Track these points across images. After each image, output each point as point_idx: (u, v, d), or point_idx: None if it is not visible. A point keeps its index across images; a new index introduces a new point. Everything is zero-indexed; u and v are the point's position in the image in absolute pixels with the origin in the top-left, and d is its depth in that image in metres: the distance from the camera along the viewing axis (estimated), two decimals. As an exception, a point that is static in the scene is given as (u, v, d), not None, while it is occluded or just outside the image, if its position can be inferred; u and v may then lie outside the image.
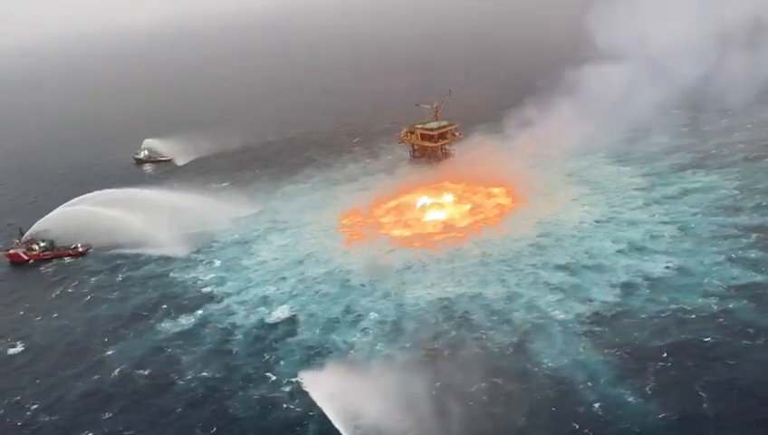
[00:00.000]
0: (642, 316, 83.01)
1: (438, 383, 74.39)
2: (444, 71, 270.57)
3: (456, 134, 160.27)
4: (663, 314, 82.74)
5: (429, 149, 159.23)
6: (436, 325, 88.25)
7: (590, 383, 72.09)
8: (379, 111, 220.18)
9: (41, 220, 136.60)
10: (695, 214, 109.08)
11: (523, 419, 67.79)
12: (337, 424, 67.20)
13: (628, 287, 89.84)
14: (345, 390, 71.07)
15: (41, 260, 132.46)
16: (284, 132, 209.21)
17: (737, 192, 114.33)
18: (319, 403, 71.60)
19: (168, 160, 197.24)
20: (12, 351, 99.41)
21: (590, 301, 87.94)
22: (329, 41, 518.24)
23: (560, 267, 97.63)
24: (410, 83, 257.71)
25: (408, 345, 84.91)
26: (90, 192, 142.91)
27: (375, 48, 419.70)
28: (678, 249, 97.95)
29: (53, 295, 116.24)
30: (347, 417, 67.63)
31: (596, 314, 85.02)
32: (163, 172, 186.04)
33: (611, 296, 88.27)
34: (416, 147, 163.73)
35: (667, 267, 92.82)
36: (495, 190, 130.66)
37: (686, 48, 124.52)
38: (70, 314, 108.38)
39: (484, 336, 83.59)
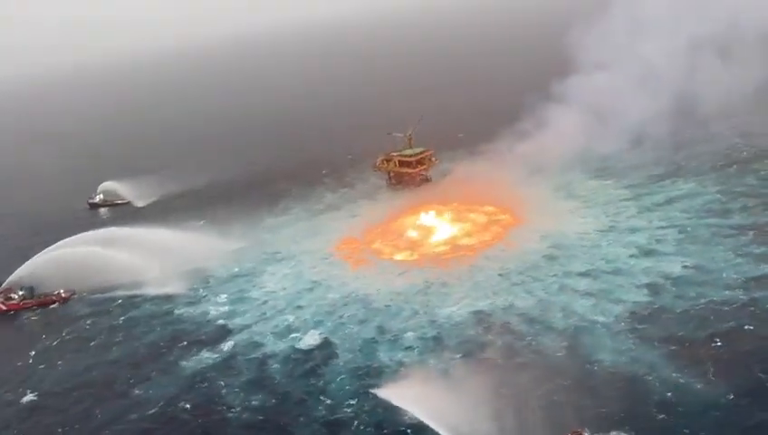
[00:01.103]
0: (678, 311, 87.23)
1: (507, 389, 75.20)
2: (410, 97, 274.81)
3: (433, 160, 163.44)
4: (697, 308, 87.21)
5: (407, 175, 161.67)
6: (479, 337, 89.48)
7: (653, 375, 75.02)
8: (339, 143, 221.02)
9: (20, 268, 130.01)
10: (689, 218, 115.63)
11: (604, 410, 69.60)
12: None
13: (653, 287, 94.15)
14: (435, 401, 71.05)
15: (21, 310, 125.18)
16: (246, 168, 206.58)
17: (720, 196, 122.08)
18: (419, 415, 71.63)
19: (127, 203, 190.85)
20: (25, 399, 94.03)
21: (623, 302, 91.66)
22: (281, 73, 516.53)
23: (581, 274, 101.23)
24: (366, 112, 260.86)
25: (457, 357, 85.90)
26: (49, 239, 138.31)
27: (328, 77, 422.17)
28: (687, 250, 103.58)
29: (52, 343, 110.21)
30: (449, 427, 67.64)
31: (633, 313, 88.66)
32: (126, 215, 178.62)
33: (641, 296, 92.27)
34: (392, 174, 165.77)
35: (685, 266, 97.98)
36: (488, 209, 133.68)
37: (659, 63, 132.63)
38: (78, 360, 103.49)
39: (533, 343, 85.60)
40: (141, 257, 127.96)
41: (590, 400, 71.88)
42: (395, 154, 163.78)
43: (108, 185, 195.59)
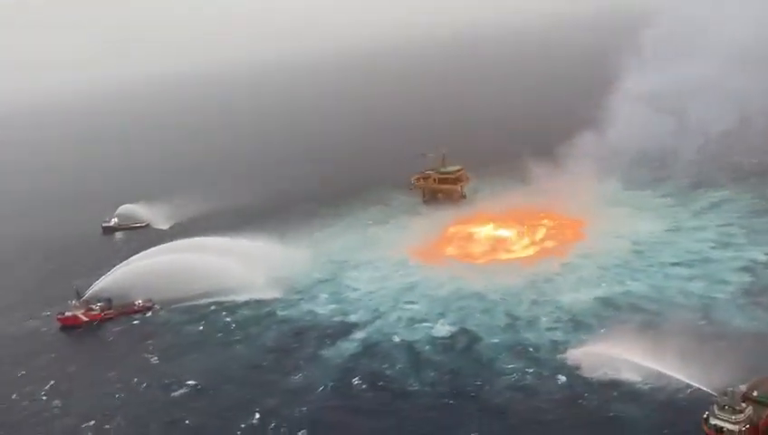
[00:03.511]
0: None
1: (677, 348, 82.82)
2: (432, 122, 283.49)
3: (468, 177, 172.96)
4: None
5: (445, 191, 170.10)
6: (616, 316, 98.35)
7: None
8: (362, 164, 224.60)
9: (102, 279, 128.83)
10: (739, 217, 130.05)
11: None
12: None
13: (749, 270, 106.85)
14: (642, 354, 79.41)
15: (104, 320, 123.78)
16: (267, 190, 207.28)
17: (758, 199, 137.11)
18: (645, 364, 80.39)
19: (145, 226, 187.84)
20: (186, 387, 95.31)
21: (730, 283, 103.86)
22: (303, 97, 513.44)
23: (675, 264, 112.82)
24: (387, 136, 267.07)
25: (602, 332, 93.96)
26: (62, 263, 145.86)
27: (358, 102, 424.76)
28: (758, 240, 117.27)
29: (169, 345, 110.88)
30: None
31: (744, 290, 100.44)
32: (152, 237, 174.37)
33: (744, 278, 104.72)
34: (426, 191, 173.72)
35: (766, 254, 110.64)
36: (546, 218, 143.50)
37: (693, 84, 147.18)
38: (207, 357, 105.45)
39: (671, 317, 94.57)
40: (221, 266, 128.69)
41: (748, 357, 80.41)
42: (431, 172, 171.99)
43: (126, 208, 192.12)
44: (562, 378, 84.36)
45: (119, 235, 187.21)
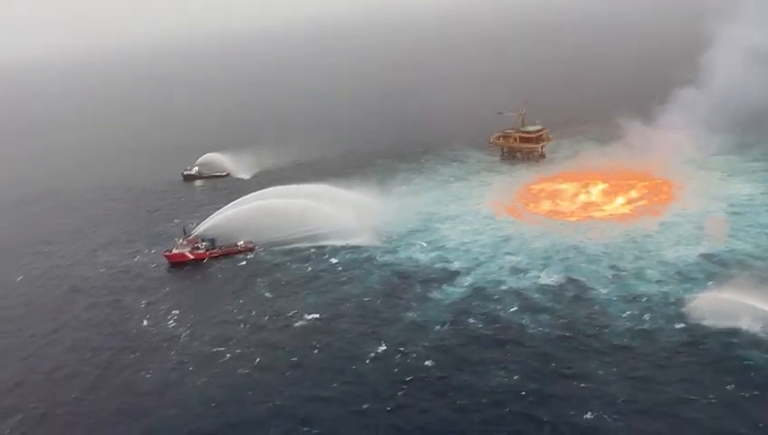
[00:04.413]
0: None
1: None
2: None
3: (550, 137, 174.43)
4: None
5: (526, 150, 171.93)
6: (722, 271, 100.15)
7: None
8: (434, 123, 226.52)
9: (209, 219, 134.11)
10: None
11: None
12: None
13: None
14: None
15: (208, 259, 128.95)
16: (342, 146, 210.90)
17: None
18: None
19: (226, 175, 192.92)
20: (306, 320, 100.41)
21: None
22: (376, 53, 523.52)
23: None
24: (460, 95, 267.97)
25: (711, 284, 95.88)
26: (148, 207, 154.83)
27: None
28: None
29: (278, 282, 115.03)
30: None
31: None
32: (232, 186, 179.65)
33: None
34: (505, 150, 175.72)
35: None
36: (633, 178, 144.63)
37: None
38: (319, 295, 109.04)
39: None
40: (318, 210, 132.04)
41: None
42: (511, 131, 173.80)
43: (208, 157, 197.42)
44: (680, 325, 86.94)
45: (199, 183, 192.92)
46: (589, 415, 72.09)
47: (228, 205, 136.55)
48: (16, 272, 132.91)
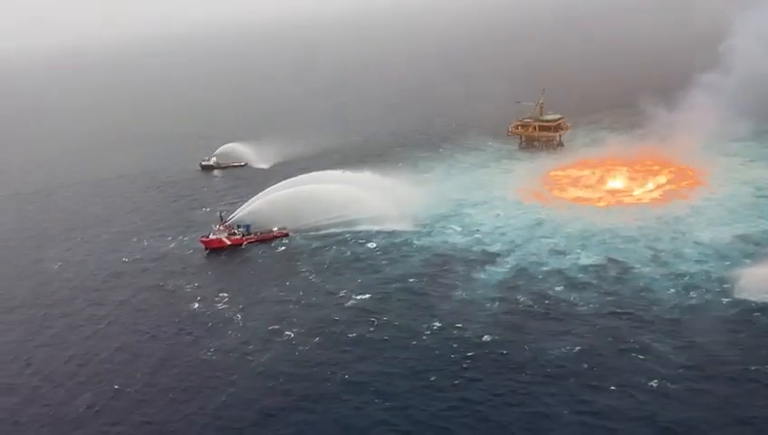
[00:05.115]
0: None
1: None
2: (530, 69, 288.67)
3: (568, 125, 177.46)
4: None
5: (545, 139, 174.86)
6: (759, 250, 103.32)
7: None
8: (449, 112, 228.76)
9: (246, 205, 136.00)
10: None
11: None
12: None
13: None
14: None
15: (245, 244, 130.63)
16: (358, 136, 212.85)
17: None
18: None
19: (243, 166, 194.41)
20: (355, 300, 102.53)
21: None
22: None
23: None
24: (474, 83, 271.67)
25: (748, 263, 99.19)
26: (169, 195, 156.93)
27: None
28: None
29: (321, 266, 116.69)
30: None
31: None
32: (250, 176, 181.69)
33: None
34: (524, 138, 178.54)
35: None
36: (655, 165, 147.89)
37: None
38: (362, 277, 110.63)
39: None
40: (353, 196, 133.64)
41: None
42: (530, 120, 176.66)
43: (227, 147, 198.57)
44: (727, 299, 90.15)
45: (217, 172, 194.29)
46: (654, 383, 74.89)
47: (263, 192, 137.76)
48: (53, 259, 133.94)
